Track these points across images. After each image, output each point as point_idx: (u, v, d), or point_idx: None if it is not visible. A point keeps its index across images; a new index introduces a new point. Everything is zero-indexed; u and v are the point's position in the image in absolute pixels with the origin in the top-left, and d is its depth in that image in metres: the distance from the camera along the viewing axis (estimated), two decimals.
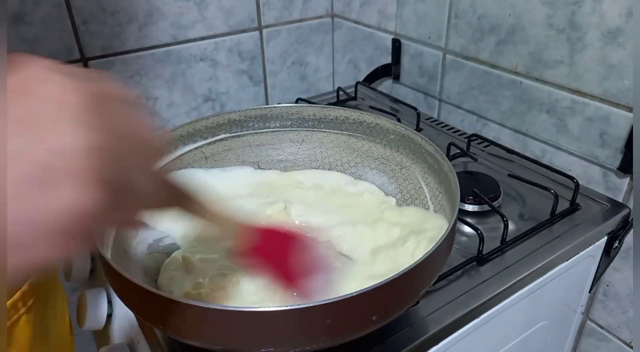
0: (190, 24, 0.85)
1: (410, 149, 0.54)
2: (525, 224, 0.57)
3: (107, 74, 0.23)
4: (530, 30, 0.66)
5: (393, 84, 0.94)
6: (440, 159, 0.48)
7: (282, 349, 0.33)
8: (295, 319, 0.32)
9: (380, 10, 0.90)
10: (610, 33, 0.57)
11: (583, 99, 0.63)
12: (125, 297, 0.37)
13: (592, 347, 0.72)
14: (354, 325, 0.35)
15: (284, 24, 0.95)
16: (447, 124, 0.81)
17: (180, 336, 0.36)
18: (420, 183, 0.52)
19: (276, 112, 0.59)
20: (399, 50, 0.88)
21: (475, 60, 0.75)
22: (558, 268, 0.54)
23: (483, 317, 0.48)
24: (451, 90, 0.82)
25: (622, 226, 0.60)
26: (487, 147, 0.73)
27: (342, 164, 0.59)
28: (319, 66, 1.04)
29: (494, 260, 0.52)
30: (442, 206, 0.48)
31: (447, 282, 0.49)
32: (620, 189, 0.62)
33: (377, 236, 0.48)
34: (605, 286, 0.66)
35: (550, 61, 0.65)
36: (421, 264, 0.34)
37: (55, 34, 0.74)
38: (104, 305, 0.53)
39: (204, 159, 0.57)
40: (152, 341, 0.45)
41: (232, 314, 0.32)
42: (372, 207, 0.53)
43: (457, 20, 0.76)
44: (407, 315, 0.45)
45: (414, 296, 0.38)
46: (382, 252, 0.46)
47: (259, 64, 0.95)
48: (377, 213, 0.52)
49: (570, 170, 0.67)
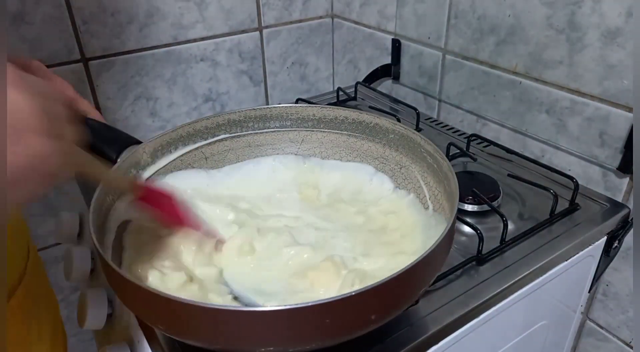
0: (191, 24, 0.85)
1: (409, 149, 0.54)
2: (524, 224, 0.57)
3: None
4: (529, 30, 0.66)
5: (393, 84, 0.94)
6: (440, 159, 0.48)
7: (282, 348, 0.33)
8: (294, 318, 0.32)
9: (380, 11, 0.90)
10: (610, 33, 0.57)
11: (582, 99, 0.63)
12: (125, 297, 0.37)
13: (591, 347, 0.72)
14: (353, 324, 0.35)
15: (284, 24, 0.95)
16: (446, 124, 0.81)
17: (180, 336, 0.36)
18: (419, 183, 0.52)
19: (276, 112, 0.59)
20: (398, 51, 0.88)
21: (475, 61, 0.75)
22: (557, 268, 0.54)
23: (482, 317, 0.48)
24: (451, 91, 0.82)
25: (621, 226, 0.60)
26: (486, 147, 0.73)
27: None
28: (318, 66, 1.04)
29: (493, 260, 0.52)
30: (442, 205, 0.48)
31: (447, 282, 0.49)
32: (620, 189, 0.62)
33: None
34: (605, 286, 0.67)
35: (549, 61, 0.65)
36: (420, 263, 0.34)
37: (55, 34, 0.74)
38: (104, 305, 0.53)
39: (204, 159, 0.57)
40: (152, 341, 0.45)
41: (232, 313, 0.32)
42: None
43: (456, 21, 0.76)
44: (407, 315, 0.45)
45: (413, 295, 0.38)
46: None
47: (259, 64, 0.96)
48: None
49: (569, 170, 0.67)
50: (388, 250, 0.47)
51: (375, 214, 0.52)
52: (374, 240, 0.49)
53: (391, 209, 0.53)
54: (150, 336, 0.46)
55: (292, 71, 1.01)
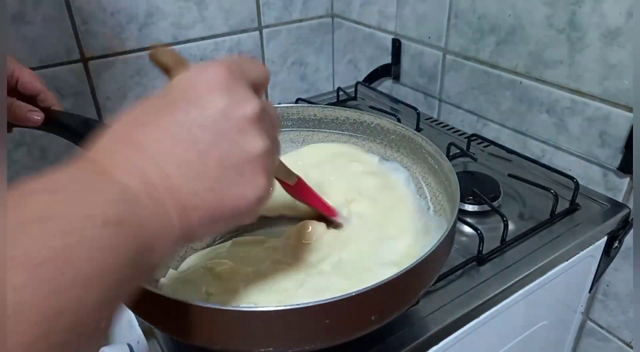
0: (191, 24, 0.85)
1: (410, 150, 0.54)
2: (525, 224, 0.57)
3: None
4: (530, 30, 0.66)
5: (393, 84, 0.94)
6: (441, 159, 0.48)
7: (281, 349, 0.33)
8: (294, 318, 0.32)
9: (380, 11, 0.90)
10: (610, 33, 0.57)
11: (583, 99, 0.63)
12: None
13: (592, 347, 0.72)
14: (353, 325, 0.35)
15: (284, 24, 0.95)
16: (447, 124, 0.81)
17: (180, 336, 0.36)
18: (420, 183, 0.52)
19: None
20: (399, 51, 0.88)
21: (475, 61, 0.75)
22: (558, 268, 0.54)
23: (483, 317, 0.48)
24: (451, 90, 0.82)
25: (622, 226, 0.60)
26: (487, 147, 0.73)
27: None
28: (319, 66, 1.04)
29: (493, 260, 0.52)
30: (442, 205, 0.48)
31: (447, 282, 0.49)
32: (620, 189, 0.62)
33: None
34: (605, 286, 0.66)
35: (550, 61, 0.65)
36: (421, 264, 0.34)
37: (55, 34, 0.74)
38: None
39: None
40: (152, 341, 0.45)
41: (232, 313, 0.32)
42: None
43: (457, 20, 0.76)
44: (407, 315, 0.45)
45: (413, 295, 0.38)
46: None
47: None
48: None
49: (570, 170, 0.67)
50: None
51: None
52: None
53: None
54: (150, 336, 0.46)
55: (292, 71, 1.01)
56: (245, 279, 0.42)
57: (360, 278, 0.40)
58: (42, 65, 0.74)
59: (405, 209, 0.51)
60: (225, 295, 0.40)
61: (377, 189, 0.53)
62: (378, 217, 0.50)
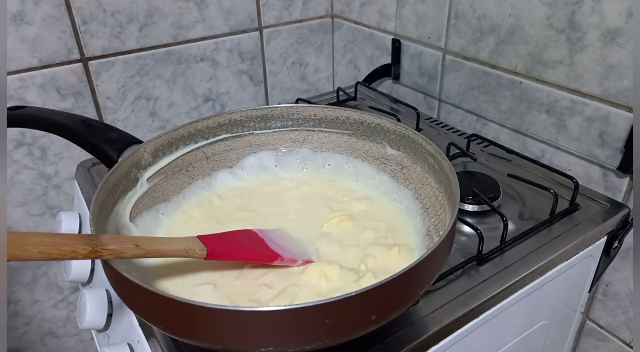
0: (191, 24, 0.85)
1: (410, 149, 0.54)
2: (524, 224, 0.57)
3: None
4: (529, 30, 0.66)
5: (393, 84, 0.94)
6: (441, 159, 0.48)
7: (281, 349, 0.33)
8: (294, 318, 0.32)
9: (380, 11, 0.90)
10: (610, 33, 0.57)
11: (583, 99, 0.63)
12: (125, 297, 0.37)
13: (592, 347, 0.72)
14: (353, 325, 0.35)
15: (284, 24, 0.95)
16: (446, 124, 0.81)
17: (180, 336, 0.36)
18: (420, 183, 0.52)
19: (277, 112, 0.59)
20: (398, 51, 0.88)
21: (475, 61, 0.75)
22: (558, 268, 0.54)
23: (483, 316, 0.48)
24: (451, 91, 0.82)
25: (621, 226, 0.60)
26: (486, 147, 0.73)
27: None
28: (319, 66, 1.04)
29: (493, 260, 0.52)
30: (442, 205, 0.48)
31: (447, 282, 0.49)
32: (620, 189, 0.62)
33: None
34: (605, 286, 0.67)
35: (549, 61, 0.65)
36: (421, 263, 0.34)
37: (55, 34, 0.74)
38: (104, 305, 0.53)
39: (205, 159, 0.57)
40: (152, 341, 0.45)
41: (232, 313, 0.32)
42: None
43: (456, 21, 0.76)
44: (407, 315, 0.45)
45: (413, 295, 0.38)
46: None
47: (259, 64, 0.96)
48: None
49: (569, 170, 0.67)
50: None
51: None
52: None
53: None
54: (150, 336, 0.46)
55: (292, 71, 1.01)
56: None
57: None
58: (42, 65, 0.74)
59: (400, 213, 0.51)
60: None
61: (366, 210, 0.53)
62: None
